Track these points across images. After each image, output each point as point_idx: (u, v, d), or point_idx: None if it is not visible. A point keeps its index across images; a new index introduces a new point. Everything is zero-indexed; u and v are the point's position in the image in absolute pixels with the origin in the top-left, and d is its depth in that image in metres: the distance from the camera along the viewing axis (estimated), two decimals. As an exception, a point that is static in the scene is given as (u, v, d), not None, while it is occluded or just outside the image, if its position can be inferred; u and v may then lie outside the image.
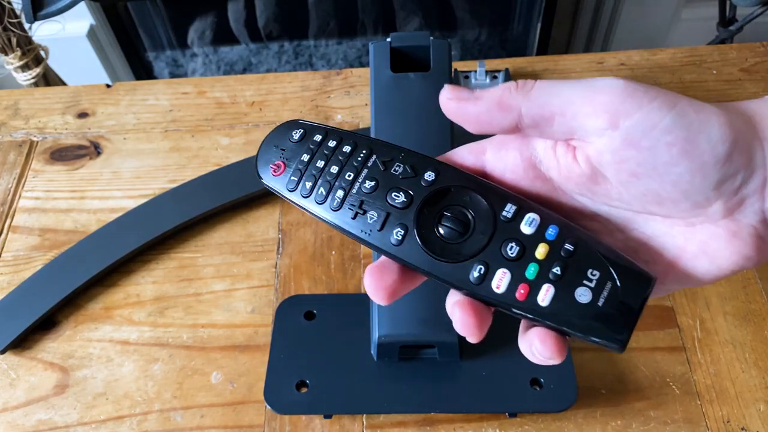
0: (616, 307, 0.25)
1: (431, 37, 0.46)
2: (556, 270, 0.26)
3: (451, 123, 0.45)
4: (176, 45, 1.35)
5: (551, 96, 0.26)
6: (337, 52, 1.37)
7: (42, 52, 0.82)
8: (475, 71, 0.64)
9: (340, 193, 0.28)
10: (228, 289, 0.53)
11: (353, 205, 0.28)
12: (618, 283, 0.25)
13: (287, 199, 0.29)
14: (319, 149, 0.29)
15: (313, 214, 0.29)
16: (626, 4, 1.27)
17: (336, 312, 0.50)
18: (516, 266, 0.26)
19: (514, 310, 0.26)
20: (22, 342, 0.51)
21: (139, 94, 0.68)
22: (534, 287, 0.26)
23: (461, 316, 0.27)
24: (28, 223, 0.58)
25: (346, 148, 0.29)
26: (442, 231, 0.28)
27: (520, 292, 0.26)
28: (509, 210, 0.27)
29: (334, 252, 0.55)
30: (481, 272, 0.26)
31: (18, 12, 0.76)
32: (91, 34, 1.24)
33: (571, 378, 0.45)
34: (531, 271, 0.26)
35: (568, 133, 0.26)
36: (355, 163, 0.29)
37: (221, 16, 1.30)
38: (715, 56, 0.68)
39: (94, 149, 0.63)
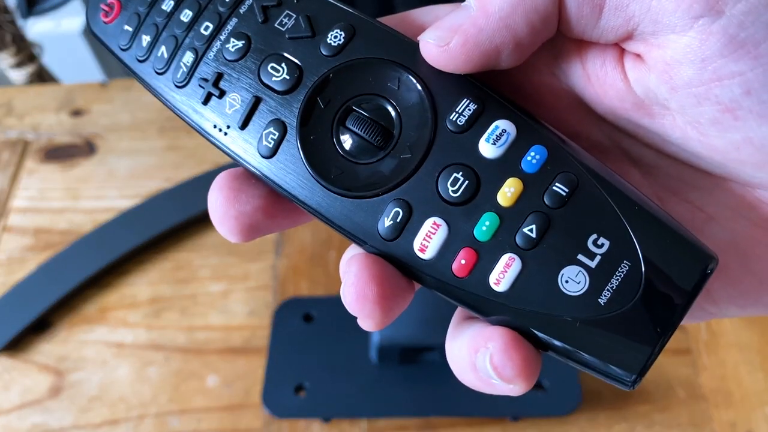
0: (633, 308, 0.15)
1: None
2: (529, 229, 0.16)
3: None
4: (173, 42, 1.34)
5: None
6: (335, 50, 1.37)
7: (36, 50, 0.81)
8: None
9: (188, 56, 0.18)
10: (225, 291, 0.53)
11: (205, 80, 0.18)
12: (642, 264, 0.15)
13: (126, 66, 0.19)
14: None
15: (157, 93, 0.19)
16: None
17: (335, 314, 0.50)
18: (460, 214, 0.16)
19: (449, 292, 0.17)
20: (16, 344, 0.50)
21: (134, 92, 0.67)
22: (485, 256, 0.16)
23: (357, 276, 0.16)
24: (22, 224, 0.57)
25: None
26: (344, 140, 0.17)
27: (461, 262, 0.16)
28: (463, 110, 0.16)
29: (333, 252, 0.54)
30: (398, 219, 0.16)
31: (11, 8, 0.75)
32: (86, 31, 1.23)
33: (574, 381, 0.45)
34: (485, 226, 0.16)
35: (623, 28, 0.15)
36: (222, 7, 0.18)
37: (218, 13, 1.30)
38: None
39: (88, 148, 0.63)
